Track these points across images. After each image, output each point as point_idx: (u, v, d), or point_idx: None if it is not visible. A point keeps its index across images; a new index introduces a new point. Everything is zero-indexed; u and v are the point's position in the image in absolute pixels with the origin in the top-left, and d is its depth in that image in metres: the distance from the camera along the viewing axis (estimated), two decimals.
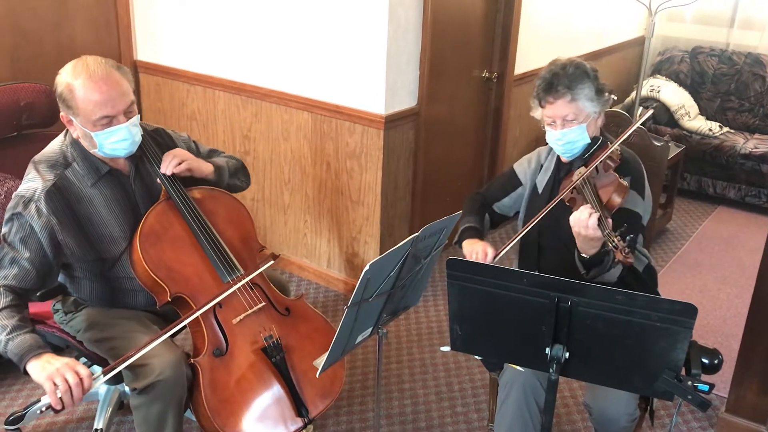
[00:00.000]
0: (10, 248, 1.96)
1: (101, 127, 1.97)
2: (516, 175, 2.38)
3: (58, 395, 1.78)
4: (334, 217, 3.55)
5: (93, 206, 2.05)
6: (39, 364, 1.81)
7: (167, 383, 1.96)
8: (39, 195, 1.97)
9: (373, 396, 2.83)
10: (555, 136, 2.15)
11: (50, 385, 1.77)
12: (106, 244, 2.08)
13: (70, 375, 1.77)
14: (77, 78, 1.94)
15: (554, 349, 1.69)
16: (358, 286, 1.66)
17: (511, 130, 4.21)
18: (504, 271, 1.68)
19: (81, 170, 2.05)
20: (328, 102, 3.33)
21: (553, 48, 4.41)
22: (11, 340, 1.84)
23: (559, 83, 2.09)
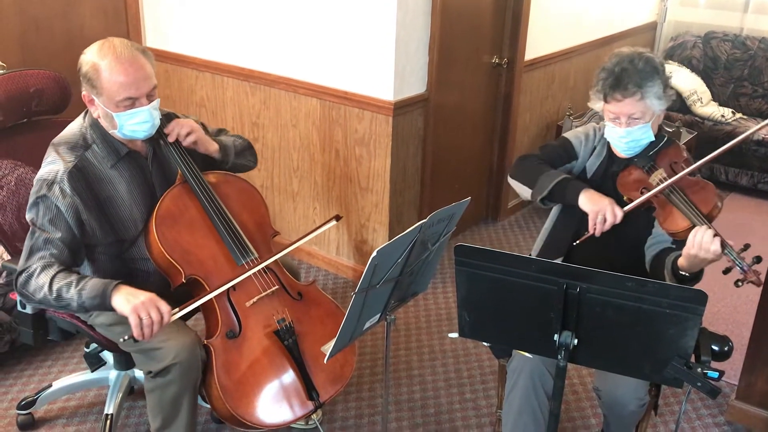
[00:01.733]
0: (41, 231, 1.99)
1: (124, 108, 2.00)
2: (572, 147, 2.22)
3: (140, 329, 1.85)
4: (343, 204, 3.54)
5: (113, 187, 2.08)
6: (122, 297, 1.88)
7: (183, 366, 1.98)
8: (61, 176, 2.00)
9: (381, 382, 2.84)
10: (618, 133, 2.04)
11: (135, 317, 1.84)
12: (125, 225, 2.11)
13: (154, 311, 1.85)
14: (104, 58, 1.97)
15: (563, 336, 1.68)
16: (365, 272, 1.66)
17: (521, 117, 4.18)
18: (513, 258, 1.67)
19: (101, 152, 2.08)
20: (337, 88, 3.32)
21: (563, 33, 4.38)
22: (83, 289, 1.90)
23: (629, 80, 1.96)
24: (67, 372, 2.82)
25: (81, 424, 2.57)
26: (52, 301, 1.93)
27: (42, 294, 1.93)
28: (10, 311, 2.74)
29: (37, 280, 1.94)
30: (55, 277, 1.93)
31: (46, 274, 1.94)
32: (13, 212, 2.43)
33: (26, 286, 1.96)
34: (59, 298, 1.92)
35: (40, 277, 1.94)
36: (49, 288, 1.92)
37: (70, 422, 2.58)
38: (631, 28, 5.22)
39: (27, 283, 1.96)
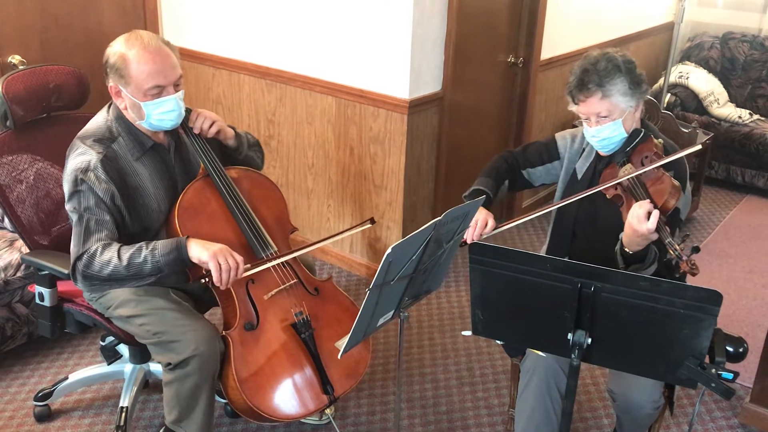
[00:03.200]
0: (90, 215, 2.03)
1: (151, 97, 2.04)
2: (556, 147, 2.29)
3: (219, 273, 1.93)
4: (357, 202, 3.55)
5: (138, 179, 2.12)
6: (198, 245, 1.96)
7: (202, 358, 2.00)
8: (95, 164, 2.04)
9: (394, 379, 2.85)
10: (590, 132, 2.10)
11: (215, 263, 1.92)
12: (149, 217, 2.14)
13: (231, 259, 1.94)
14: (132, 48, 2.02)
15: (576, 335, 1.68)
16: (380, 269, 1.66)
17: (536, 116, 4.17)
18: (527, 256, 1.67)
19: (126, 144, 2.12)
20: (353, 86, 3.33)
21: (580, 33, 4.36)
22: (155, 248, 1.97)
23: (589, 80, 2.02)
24: (83, 364, 2.85)
25: (96, 416, 2.59)
26: (122, 271, 1.97)
27: (111, 267, 1.97)
28: (28, 304, 2.78)
29: (101, 258, 1.98)
30: (120, 248, 1.99)
31: (110, 250, 1.99)
32: (32, 206, 2.46)
33: (90, 266, 1.99)
34: (130, 266, 1.97)
35: (104, 254, 1.98)
36: (119, 258, 1.97)
37: (85, 414, 2.60)
38: (648, 29, 5.19)
39: (91, 263, 1.99)
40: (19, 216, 2.41)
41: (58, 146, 2.50)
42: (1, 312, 2.72)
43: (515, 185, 2.37)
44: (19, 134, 2.45)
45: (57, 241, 2.43)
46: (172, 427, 2.14)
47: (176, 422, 2.12)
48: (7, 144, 2.42)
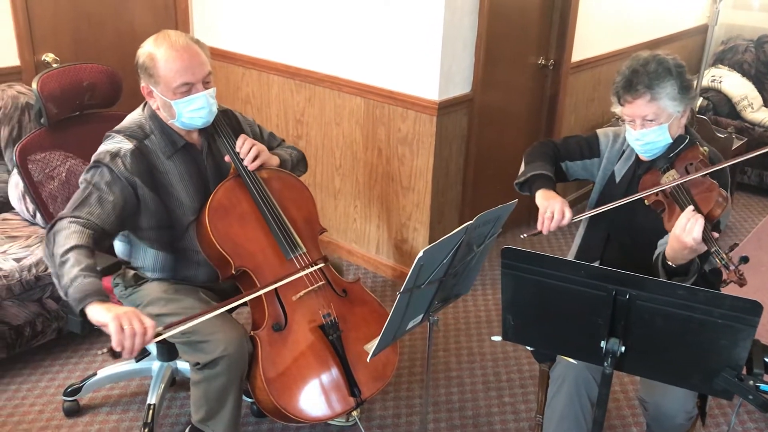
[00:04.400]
0: (96, 189, 2.00)
1: (181, 95, 2.04)
2: (598, 144, 2.23)
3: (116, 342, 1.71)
4: (384, 203, 3.54)
5: (168, 178, 2.12)
6: (102, 307, 1.75)
7: (231, 359, 2.00)
8: (125, 152, 2.05)
9: (419, 383, 2.83)
10: (634, 135, 2.04)
11: (116, 325, 1.70)
12: (178, 214, 2.14)
13: (136, 322, 1.72)
14: (159, 47, 2.03)
15: (610, 343, 1.65)
16: (411, 272, 1.65)
17: (566, 119, 4.13)
18: (561, 262, 1.65)
19: (158, 142, 2.12)
20: (382, 87, 3.32)
21: (611, 35, 4.31)
22: (85, 277, 1.78)
23: (638, 81, 1.96)
24: (111, 361, 2.86)
25: (124, 413, 2.61)
26: (56, 263, 1.83)
27: (57, 250, 1.84)
28: (58, 300, 2.80)
29: (67, 237, 1.86)
30: (78, 247, 1.84)
31: (77, 238, 1.86)
32: (64, 203, 2.48)
33: (57, 234, 1.88)
34: (62, 266, 1.81)
35: (71, 236, 1.86)
36: (66, 251, 1.82)
37: (113, 410, 2.62)
38: (681, 31, 5.12)
39: (59, 232, 1.88)
40: (51, 212, 2.43)
41: (90, 144, 2.51)
42: (32, 307, 2.75)
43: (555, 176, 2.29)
44: (52, 132, 2.47)
45: None
46: (199, 426, 2.14)
47: (203, 421, 2.12)
48: (40, 141, 2.45)
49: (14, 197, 3.04)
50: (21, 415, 2.57)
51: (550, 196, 2.10)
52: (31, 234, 2.91)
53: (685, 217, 1.83)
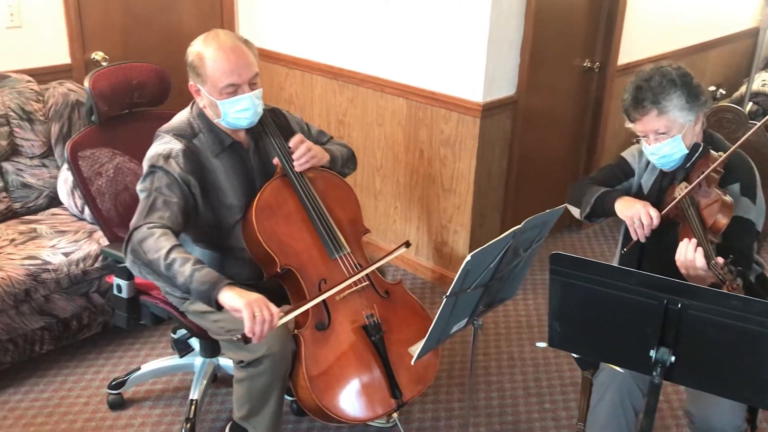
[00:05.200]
0: (159, 193, 2.03)
1: (227, 96, 2.06)
2: (628, 163, 2.23)
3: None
4: (425, 205, 3.53)
5: (216, 176, 2.14)
6: (234, 292, 1.84)
7: (275, 357, 2.02)
8: (177, 152, 2.08)
9: (459, 386, 2.81)
10: (649, 150, 2.04)
11: (249, 312, 1.80)
12: (225, 213, 2.17)
13: (265, 310, 1.82)
14: (208, 47, 2.05)
15: (659, 353, 1.62)
16: (457, 276, 1.64)
17: (611, 123, 4.07)
18: (611, 269, 1.62)
19: (206, 141, 2.15)
20: (425, 89, 3.31)
21: (659, 38, 4.24)
22: (198, 270, 1.87)
23: (644, 98, 1.96)
24: (154, 356, 2.91)
25: (166, 408, 2.65)
26: (161, 267, 1.89)
27: (156, 256, 1.90)
28: (104, 294, 2.86)
29: (156, 241, 1.92)
30: (176, 246, 1.92)
31: (168, 239, 1.92)
32: (111, 199, 2.53)
33: (143, 242, 1.93)
34: (170, 267, 1.88)
35: (160, 239, 1.92)
36: (167, 254, 1.89)
37: (156, 405, 2.66)
38: (730, 34, 5.00)
39: (145, 240, 1.93)
40: (100, 208, 2.48)
41: (138, 142, 2.56)
42: (79, 301, 2.80)
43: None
44: (101, 129, 2.52)
45: None
46: (240, 423, 2.16)
47: (245, 418, 2.14)
48: (90, 138, 2.50)
49: (63, 192, 3.10)
50: (67, 407, 2.63)
51: (629, 205, 2.05)
52: (79, 229, 2.97)
53: (680, 248, 1.84)
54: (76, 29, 3.38)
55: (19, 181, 3.08)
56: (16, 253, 2.75)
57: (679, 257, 1.85)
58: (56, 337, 2.79)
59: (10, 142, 3.05)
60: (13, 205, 3.07)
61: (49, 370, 2.82)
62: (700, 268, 1.81)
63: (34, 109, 3.09)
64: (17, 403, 2.64)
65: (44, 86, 3.17)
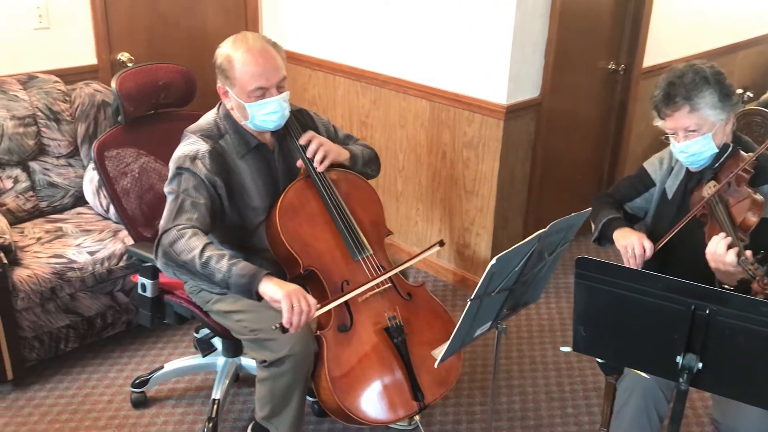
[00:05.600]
0: (186, 195, 2.05)
1: (255, 99, 2.07)
2: (648, 174, 2.24)
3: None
4: (447, 207, 3.52)
5: (241, 176, 2.15)
6: (273, 283, 1.88)
7: (297, 357, 2.02)
8: (203, 153, 2.09)
9: (480, 389, 2.80)
10: (678, 148, 2.01)
11: (288, 303, 1.83)
12: (250, 214, 2.18)
13: (303, 301, 1.85)
14: (237, 50, 2.06)
15: (686, 359, 1.60)
16: (482, 279, 1.63)
17: (636, 125, 4.03)
18: (638, 274, 1.61)
19: (232, 142, 2.16)
20: (448, 90, 3.30)
21: (686, 40, 4.20)
22: (235, 264, 1.90)
23: (676, 93, 1.94)
24: (177, 355, 2.93)
25: (189, 407, 2.66)
26: (197, 266, 1.91)
27: (190, 256, 1.92)
28: (128, 293, 2.88)
29: (188, 242, 1.94)
30: (208, 245, 1.94)
31: (198, 239, 1.94)
32: (136, 199, 2.55)
33: (174, 245, 1.95)
34: (206, 266, 1.90)
35: (191, 240, 1.94)
36: (200, 252, 1.91)
37: (178, 404, 2.68)
38: (758, 36, 4.94)
39: (176, 242, 1.95)
40: (125, 207, 2.50)
41: (163, 142, 2.58)
42: (104, 299, 2.83)
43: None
44: (127, 129, 2.54)
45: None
46: (262, 423, 2.17)
47: (267, 418, 2.15)
48: (116, 138, 2.52)
49: (89, 192, 3.14)
50: (91, 404, 2.65)
51: (626, 235, 2.08)
52: (104, 228, 2.99)
53: (711, 244, 1.83)
54: (102, 30, 3.41)
55: (46, 180, 3.12)
56: (42, 252, 2.78)
57: (710, 250, 1.84)
58: (81, 335, 2.82)
59: (38, 141, 3.09)
60: (40, 204, 3.11)
61: (73, 368, 2.85)
62: (729, 264, 1.78)
63: (61, 109, 3.13)
64: (43, 399, 2.67)
65: (71, 86, 3.21)
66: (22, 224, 3.01)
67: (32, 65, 3.25)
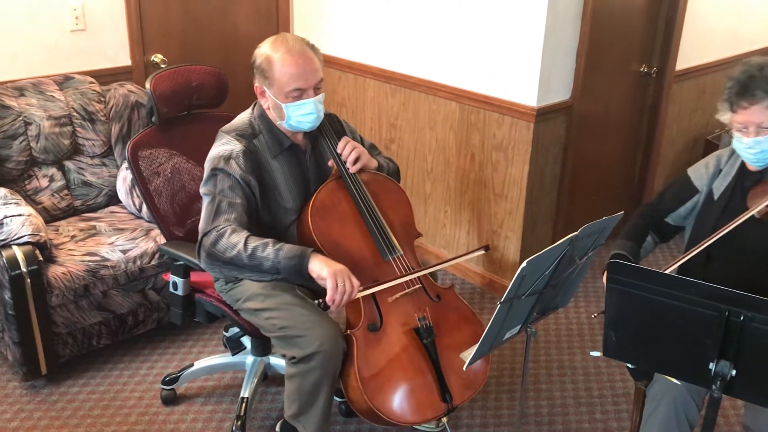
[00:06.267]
0: (223, 196, 2.10)
1: (292, 99, 2.10)
2: (691, 182, 2.19)
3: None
4: (475, 210, 3.51)
5: (273, 176, 2.19)
6: (320, 262, 1.97)
7: (326, 354, 2.04)
8: (237, 153, 2.13)
9: (507, 393, 2.79)
10: (746, 143, 1.97)
11: (333, 282, 1.93)
12: (281, 214, 2.21)
13: (347, 282, 1.95)
14: (277, 51, 2.09)
15: (719, 365, 1.58)
16: (512, 282, 1.63)
17: (668, 129, 3.99)
18: (671, 279, 1.58)
19: (266, 141, 2.19)
20: (478, 92, 3.29)
21: (719, 43, 4.14)
22: (281, 249, 1.99)
23: (756, 86, 1.89)
24: (206, 353, 2.96)
25: (217, 404, 2.69)
26: (244, 259, 1.99)
27: (235, 252, 2.00)
28: (160, 291, 2.92)
29: (229, 239, 2.02)
30: (249, 237, 2.02)
31: (238, 234, 2.02)
32: (168, 198, 2.59)
33: (216, 244, 2.03)
34: (253, 257, 1.99)
35: (232, 237, 2.02)
36: (244, 246, 2.00)
37: (207, 401, 2.71)
38: None
39: (217, 242, 2.03)
40: (157, 207, 2.53)
41: (195, 143, 2.62)
42: (135, 297, 2.87)
43: (665, 235, 2.27)
44: (160, 130, 2.57)
45: (190, 233, 2.53)
46: (290, 422, 2.18)
47: (295, 416, 2.16)
48: (149, 139, 2.55)
49: (122, 191, 3.19)
50: (122, 400, 2.70)
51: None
52: (137, 227, 3.04)
53: None
54: (136, 32, 3.47)
55: (80, 179, 3.18)
56: (76, 250, 2.83)
57: None
58: (113, 332, 2.87)
59: (73, 141, 3.15)
60: (74, 202, 3.17)
61: (105, 364, 2.89)
62: None
63: (95, 109, 3.19)
64: (75, 395, 2.72)
65: (105, 87, 3.27)
66: (57, 222, 3.07)
67: (68, 66, 3.32)
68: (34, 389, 2.74)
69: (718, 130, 4.43)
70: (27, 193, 3.04)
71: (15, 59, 3.19)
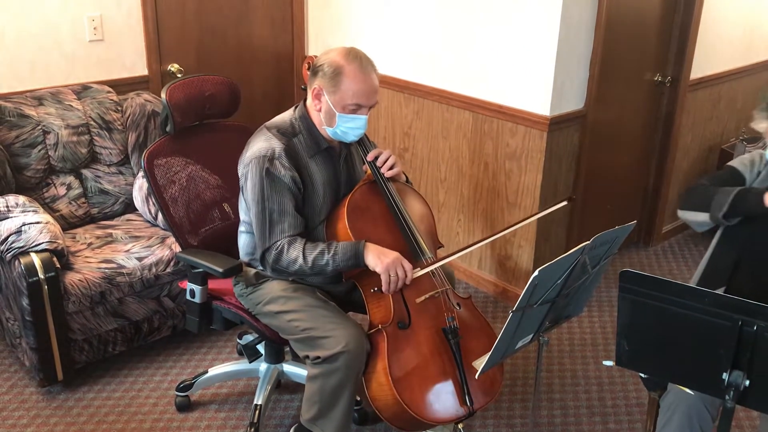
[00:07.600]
0: (272, 202, 2.16)
1: (349, 112, 2.16)
2: (739, 172, 2.16)
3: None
4: (489, 219, 3.52)
5: (309, 175, 2.23)
6: (374, 254, 2.10)
7: (351, 354, 2.06)
8: (279, 152, 2.17)
9: (520, 402, 2.78)
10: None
11: (386, 276, 2.07)
12: (313, 213, 2.25)
13: (400, 269, 2.08)
14: (351, 63, 2.14)
15: (733, 376, 1.58)
16: (524, 291, 1.64)
17: (682, 138, 3.97)
18: (684, 289, 1.58)
19: (305, 141, 2.25)
20: (491, 101, 3.30)
21: (734, 52, 4.12)
22: (335, 254, 2.11)
23: None
24: (220, 360, 2.98)
25: (231, 411, 2.71)
26: (307, 271, 2.14)
27: (297, 266, 2.13)
28: (175, 298, 2.94)
29: (288, 255, 2.13)
30: (305, 249, 2.13)
31: (295, 248, 2.14)
32: (184, 206, 2.61)
33: (279, 261, 2.15)
34: (314, 267, 2.12)
35: (290, 252, 2.13)
36: (304, 260, 2.12)
37: (221, 408, 2.72)
38: None
39: (279, 259, 2.15)
40: (173, 215, 2.55)
41: (208, 152, 2.65)
42: (151, 304, 2.90)
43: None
44: (174, 139, 2.60)
45: (205, 242, 2.55)
46: (307, 426, 2.17)
47: (313, 420, 2.15)
48: (164, 147, 2.58)
49: (138, 199, 3.22)
50: (137, 406, 2.72)
51: None
52: (152, 235, 3.07)
53: None
54: (153, 42, 3.51)
55: (97, 187, 3.22)
56: (92, 257, 2.86)
57: None
58: (128, 338, 2.89)
59: (90, 149, 3.19)
60: (91, 210, 3.21)
61: (120, 371, 2.92)
62: None
63: (112, 118, 3.23)
64: (91, 401, 2.74)
65: (123, 97, 3.31)
66: (74, 230, 3.11)
67: (86, 76, 3.36)
68: (51, 395, 2.77)
69: (733, 139, 4.41)
70: (45, 201, 3.09)
71: (34, 69, 3.24)
